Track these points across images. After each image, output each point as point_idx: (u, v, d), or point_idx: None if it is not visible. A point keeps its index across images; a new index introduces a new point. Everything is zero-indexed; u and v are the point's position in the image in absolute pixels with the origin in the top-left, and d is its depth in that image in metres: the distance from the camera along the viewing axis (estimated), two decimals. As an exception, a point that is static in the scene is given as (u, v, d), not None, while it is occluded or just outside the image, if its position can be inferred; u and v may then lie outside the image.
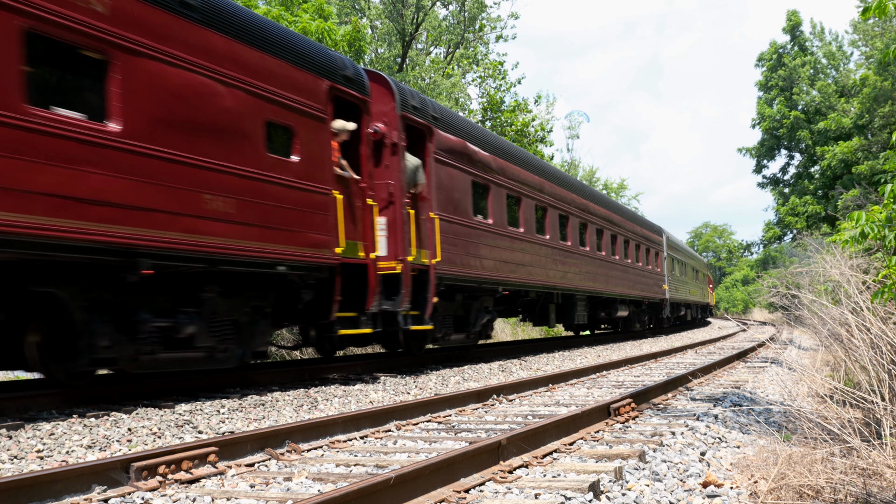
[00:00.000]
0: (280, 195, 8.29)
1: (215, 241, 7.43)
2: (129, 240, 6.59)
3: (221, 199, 7.53)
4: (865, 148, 33.76)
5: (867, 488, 4.05)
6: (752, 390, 8.86)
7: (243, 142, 7.87)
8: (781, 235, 43.49)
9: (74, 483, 4.07)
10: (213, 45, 7.59)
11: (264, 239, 8.04)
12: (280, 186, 8.30)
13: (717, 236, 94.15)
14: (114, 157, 6.50)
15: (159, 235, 6.87)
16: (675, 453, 5.10)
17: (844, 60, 41.71)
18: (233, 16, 8.00)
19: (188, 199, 7.19)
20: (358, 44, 18.83)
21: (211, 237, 7.39)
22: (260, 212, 8.00)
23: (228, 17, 7.90)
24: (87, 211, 6.27)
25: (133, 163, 6.67)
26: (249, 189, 7.87)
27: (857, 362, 6.56)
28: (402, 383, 9.56)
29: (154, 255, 6.84)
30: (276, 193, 8.24)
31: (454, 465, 4.18)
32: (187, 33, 7.34)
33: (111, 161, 6.48)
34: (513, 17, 31.11)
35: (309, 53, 9.13)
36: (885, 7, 4.90)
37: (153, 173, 6.87)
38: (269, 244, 8.11)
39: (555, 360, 13.84)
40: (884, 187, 5.12)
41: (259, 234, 7.97)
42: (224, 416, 6.77)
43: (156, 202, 6.85)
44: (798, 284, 12.58)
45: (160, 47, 7.02)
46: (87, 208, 6.26)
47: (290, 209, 8.44)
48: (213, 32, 7.64)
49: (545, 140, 29.38)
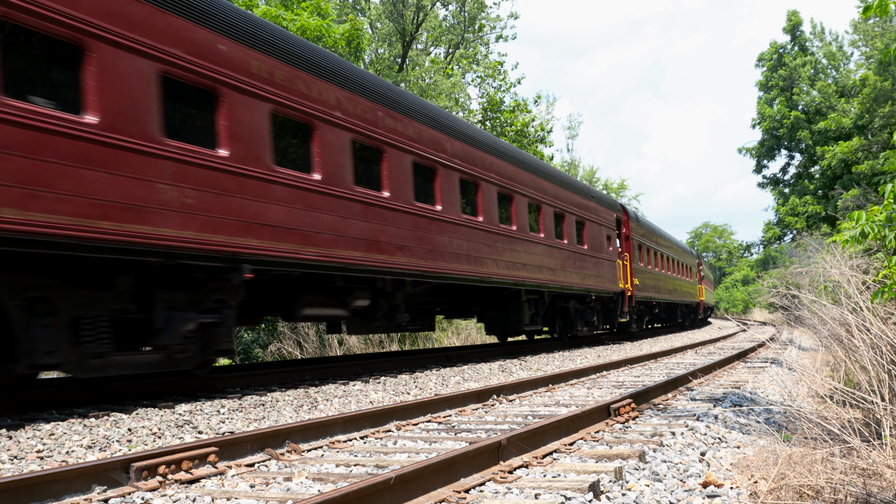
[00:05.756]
0: (601, 262, 19.90)
1: (575, 282, 17.90)
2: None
3: (577, 267, 17.98)
4: (865, 148, 33.76)
5: (867, 488, 4.05)
6: (753, 390, 8.86)
7: (582, 233, 18.92)
8: (781, 235, 43.48)
9: (74, 483, 4.07)
10: (569, 198, 18.07)
11: (586, 283, 18.53)
12: (601, 259, 19.96)
13: (717, 236, 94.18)
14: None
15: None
16: (675, 453, 5.10)
17: (844, 61, 41.72)
18: (582, 188, 19.76)
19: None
20: (356, 42, 18.83)
21: (570, 280, 17.49)
22: (583, 269, 18.30)
23: (585, 190, 19.76)
24: (315, 238, 9.01)
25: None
26: (584, 259, 18.45)
27: (857, 362, 6.56)
28: (402, 383, 9.56)
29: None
30: (596, 261, 19.54)
31: (454, 465, 4.17)
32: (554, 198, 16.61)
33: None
34: (512, 17, 31.11)
35: (611, 202, 22.49)
36: (886, 6, 4.90)
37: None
38: (590, 284, 18.86)
39: (555, 361, 13.84)
40: (884, 187, 5.11)
41: (582, 279, 18.24)
42: (224, 416, 6.77)
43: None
44: (798, 285, 12.58)
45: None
46: (315, 236, 8.98)
47: (600, 267, 19.86)
48: (566, 191, 18.06)
49: (545, 140, 29.38)
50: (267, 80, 8.49)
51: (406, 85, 25.90)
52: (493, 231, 13.66)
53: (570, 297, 18.33)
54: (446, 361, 13.06)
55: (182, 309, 7.75)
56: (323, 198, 9.25)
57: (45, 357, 6.60)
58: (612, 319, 21.51)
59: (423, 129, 11.70)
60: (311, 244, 8.97)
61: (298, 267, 8.82)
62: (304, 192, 8.93)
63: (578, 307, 18.92)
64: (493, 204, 13.78)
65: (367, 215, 10.06)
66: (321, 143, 9.29)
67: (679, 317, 34.12)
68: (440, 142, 12.14)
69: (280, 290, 9.74)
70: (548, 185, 16.64)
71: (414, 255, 11.06)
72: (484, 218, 13.36)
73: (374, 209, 10.23)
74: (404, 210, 10.93)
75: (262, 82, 8.41)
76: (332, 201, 9.40)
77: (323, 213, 9.23)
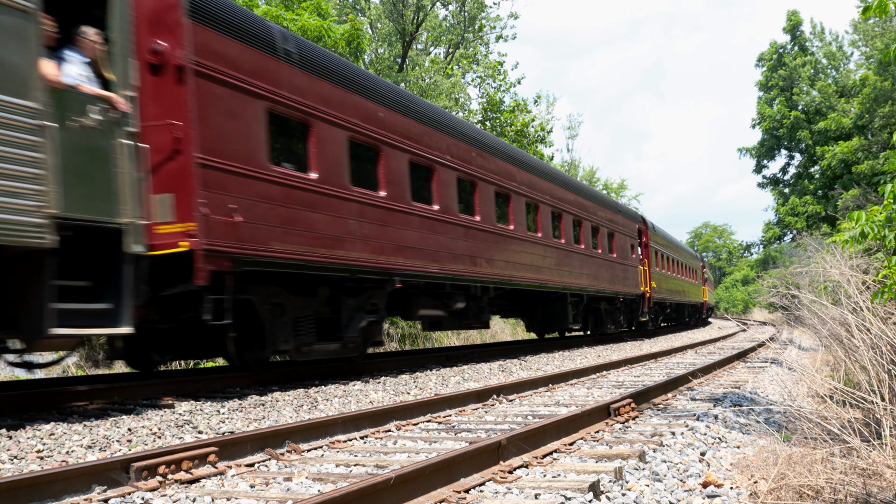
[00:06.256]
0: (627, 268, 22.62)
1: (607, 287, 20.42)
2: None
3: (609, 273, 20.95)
4: (865, 148, 33.77)
5: (867, 488, 4.05)
6: (753, 390, 8.86)
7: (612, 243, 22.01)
8: (781, 235, 43.50)
9: (74, 483, 4.07)
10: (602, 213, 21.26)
11: (615, 287, 21.12)
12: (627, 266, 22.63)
13: (716, 236, 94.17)
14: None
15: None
16: (675, 453, 5.10)
17: (844, 61, 41.73)
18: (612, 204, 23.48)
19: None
20: (356, 42, 18.84)
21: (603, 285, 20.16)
22: (613, 275, 21.04)
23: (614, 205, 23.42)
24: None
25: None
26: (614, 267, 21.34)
27: (857, 362, 6.56)
28: (402, 383, 9.56)
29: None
30: (623, 268, 22.23)
31: (454, 465, 4.17)
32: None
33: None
34: (512, 17, 31.12)
35: (634, 214, 25.65)
36: (886, 6, 4.90)
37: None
38: (618, 288, 21.57)
39: (555, 360, 13.84)
40: (884, 187, 5.11)
41: (612, 284, 20.89)
42: (224, 416, 6.77)
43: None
44: (798, 284, 12.57)
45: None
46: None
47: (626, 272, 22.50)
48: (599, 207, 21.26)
49: (545, 140, 29.39)
50: (405, 136, 11.16)
51: (406, 85, 25.91)
52: (550, 245, 16.65)
53: (602, 300, 20.87)
54: (446, 361, 13.07)
55: (357, 310, 10.22)
56: (441, 224, 11.98)
57: (280, 345, 8.90)
58: (634, 319, 24.15)
59: (501, 164, 14.60)
60: (433, 261, 11.62)
61: (425, 278, 11.41)
62: (429, 220, 11.63)
63: (608, 308, 21.43)
64: (548, 221, 16.73)
65: (467, 236, 12.81)
66: (438, 181, 12.06)
67: (686, 316, 36.71)
68: (512, 173, 15.05)
69: (404, 295, 11.85)
70: (587, 202, 20.05)
71: (496, 267, 13.77)
72: (542, 234, 16.25)
73: (472, 231, 13.00)
74: (490, 230, 13.67)
75: (403, 138, 11.09)
76: (446, 226, 12.17)
77: (440, 235, 11.92)
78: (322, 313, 9.71)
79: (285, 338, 8.90)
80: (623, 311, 22.90)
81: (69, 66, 6.48)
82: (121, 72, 6.75)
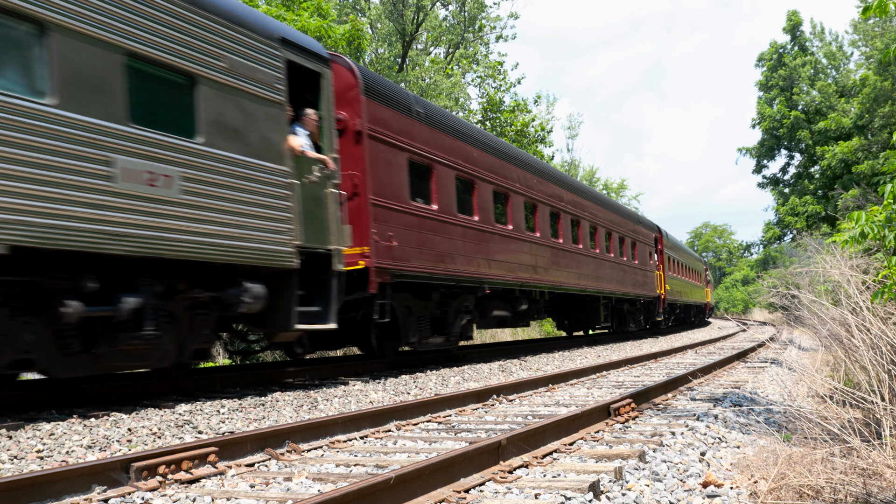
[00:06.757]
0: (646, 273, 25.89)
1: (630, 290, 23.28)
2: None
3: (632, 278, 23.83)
4: (865, 148, 33.77)
5: (867, 488, 4.05)
6: (753, 390, 8.86)
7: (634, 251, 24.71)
8: (781, 235, 43.49)
9: (74, 483, 4.07)
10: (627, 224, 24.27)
11: (637, 290, 24.13)
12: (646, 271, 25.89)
13: (717, 236, 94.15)
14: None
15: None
16: (675, 453, 5.10)
17: (844, 60, 41.72)
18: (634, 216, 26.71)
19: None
20: (356, 42, 18.83)
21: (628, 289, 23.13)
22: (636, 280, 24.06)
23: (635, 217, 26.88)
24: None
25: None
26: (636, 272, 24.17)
27: (857, 362, 6.56)
28: (402, 383, 9.56)
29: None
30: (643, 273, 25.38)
31: (454, 465, 4.17)
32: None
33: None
34: (512, 17, 31.12)
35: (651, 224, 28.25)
36: (886, 6, 4.90)
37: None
38: (640, 291, 24.45)
39: (555, 360, 13.84)
40: (883, 187, 5.11)
41: (634, 288, 23.74)
42: (224, 416, 6.77)
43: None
44: (798, 285, 12.57)
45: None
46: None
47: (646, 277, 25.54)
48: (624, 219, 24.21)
49: (545, 140, 29.37)
50: (490, 170, 13.89)
51: (406, 85, 25.90)
52: (589, 255, 19.64)
53: (626, 302, 23.87)
54: (446, 361, 13.07)
55: (459, 311, 12.65)
56: (514, 241, 14.70)
57: (410, 338, 11.31)
58: (650, 318, 27.40)
59: (554, 188, 17.47)
60: (508, 271, 14.21)
61: (502, 285, 13.95)
62: (506, 238, 14.36)
63: (630, 309, 24.58)
64: (587, 234, 19.73)
65: (532, 250, 15.57)
66: (511, 205, 14.86)
67: (692, 316, 39.86)
68: (560, 196, 17.94)
69: (482, 299, 13.71)
70: (615, 216, 23.22)
71: (549, 275, 16.48)
72: (583, 245, 19.23)
73: (533, 245, 15.73)
74: (546, 244, 16.46)
75: (490, 172, 13.88)
76: (518, 243, 14.91)
77: (512, 250, 14.56)
78: (434, 314, 12.08)
79: (413, 333, 11.36)
80: (643, 312, 26.27)
81: (298, 138, 8.75)
82: (327, 139, 9.24)
